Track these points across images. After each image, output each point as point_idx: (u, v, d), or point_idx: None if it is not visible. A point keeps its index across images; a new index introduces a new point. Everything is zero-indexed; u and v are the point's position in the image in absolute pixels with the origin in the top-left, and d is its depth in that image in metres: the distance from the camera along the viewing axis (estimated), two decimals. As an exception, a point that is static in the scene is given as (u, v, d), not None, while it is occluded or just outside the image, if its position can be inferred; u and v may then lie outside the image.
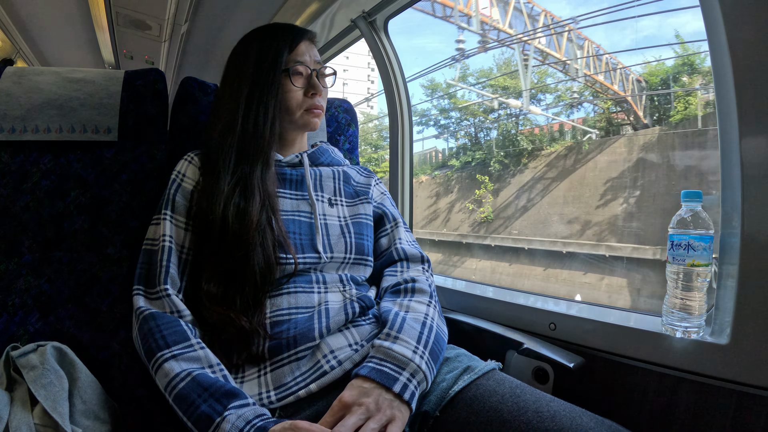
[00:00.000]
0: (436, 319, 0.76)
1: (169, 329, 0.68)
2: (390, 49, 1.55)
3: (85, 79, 0.95)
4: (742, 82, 0.67)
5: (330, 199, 0.87)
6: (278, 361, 0.71)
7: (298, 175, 0.86)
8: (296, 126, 0.86)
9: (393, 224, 0.92)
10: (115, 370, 0.81)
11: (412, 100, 1.60)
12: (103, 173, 0.91)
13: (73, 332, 0.82)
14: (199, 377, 0.63)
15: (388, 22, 1.54)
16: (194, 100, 0.99)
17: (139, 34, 2.28)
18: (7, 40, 2.45)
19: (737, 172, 0.68)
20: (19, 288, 0.82)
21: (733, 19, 0.67)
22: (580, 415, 0.61)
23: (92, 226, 0.88)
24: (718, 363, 0.70)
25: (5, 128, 0.88)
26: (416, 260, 0.88)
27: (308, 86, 0.85)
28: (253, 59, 0.83)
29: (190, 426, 0.59)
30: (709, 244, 0.73)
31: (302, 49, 0.85)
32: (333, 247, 0.81)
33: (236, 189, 0.77)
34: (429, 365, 0.67)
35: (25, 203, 0.86)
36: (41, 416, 0.63)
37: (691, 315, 0.74)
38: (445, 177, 12.10)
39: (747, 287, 0.67)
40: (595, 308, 0.94)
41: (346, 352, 0.72)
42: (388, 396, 0.61)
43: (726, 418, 0.69)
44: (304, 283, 0.77)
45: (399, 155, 1.55)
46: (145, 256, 0.76)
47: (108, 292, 0.85)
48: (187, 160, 0.83)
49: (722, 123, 0.71)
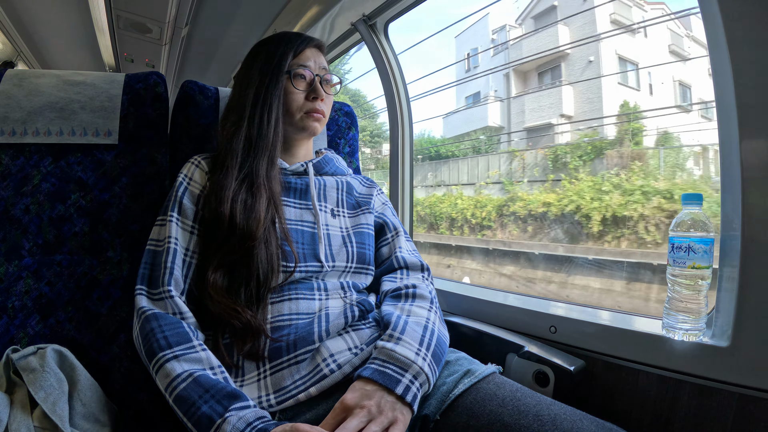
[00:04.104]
0: (437, 323, 0.76)
1: (171, 330, 0.68)
2: (390, 53, 1.56)
3: (85, 82, 0.95)
4: (741, 83, 0.67)
5: (333, 210, 0.88)
6: (278, 364, 0.71)
7: (303, 184, 0.87)
8: (297, 129, 0.87)
9: (394, 233, 0.94)
10: (115, 373, 0.81)
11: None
12: (103, 176, 0.91)
13: (73, 335, 0.81)
14: (201, 378, 0.63)
15: (388, 25, 1.55)
16: (195, 103, 0.99)
17: (140, 37, 2.29)
18: (8, 43, 2.46)
19: (737, 174, 0.68)
20: (19, 291, 0.82)
21: (733, 19, 0.67)
22: (581, 418, 0.61)
23: (92, 229, 0.88)
24: (719, 365, 0.70)
25: (6, 131, 0.89)
26: (416, 269, 0.89)
27: (310, 90, 0.85)
28: (260, 64, 0.85)
29: (191, 427, 0.59)
30: (710, 247, 0.73)
31: (307, 54, 0.86)
32: (335, 257, 0.82)
33: (243, 185, 0.78)
34: (431, 367, 0.67)
35: (25, 206, 0.86)
36: (41, 419, 0.63)
37: (692, 317, 0.74)
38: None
39: (747, 290, 0.67)
40: (596, 311, 0.94)
41: (346, 356, 0.72)
42: (390, 398, 0.61)
43: (727, 421, 0.69)
44: (305, 290, 0.78)
45: (399, 160, 1.56)
46: (148, 257, 0.77)
47: (108, 295, 0.85)
48: (194, 163, 0.84)
49: (722, 125, 0.71)
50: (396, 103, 1.55)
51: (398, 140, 1.56)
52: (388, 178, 1.60)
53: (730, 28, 0.67)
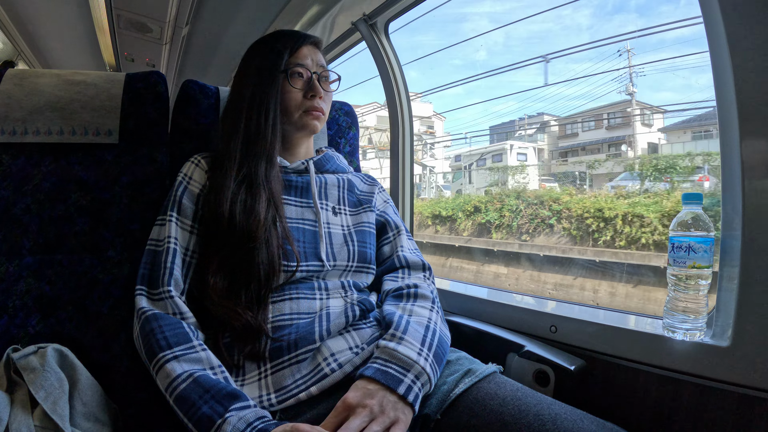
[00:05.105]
0: (439, 324, 0.76)
1: (171, 330, 0.68)
2: (391, 52, 1.55)
3: (86, 81, 0.95)
4: (742, 83, 0.67)
5: (334, 208, 0.88)
6: (279, 364, 0.71)
7: (304, 182, 0.87)
8: (296, 128, 0.86)
9: (395, 232, 0.93)
10: (116, 373, 0.81)
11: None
12: (104, 176, 0.91)
13: (74, 334, 0.81)
14: (201, 378, 0.63)
15: (388, 24, 1.55)
16: (195, 102, 0.99)
17: (140, 37, 2.29)
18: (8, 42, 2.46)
19: (738, 173, 0.68)
20: (19, 290, 0.82)
21: (733, 19, 0.67)
22: (581, 417, 0.61)
23: (93, 229, 0.88)
24: (719, 365, 0.70)
25: (6, 130, 0.89)
26: (418, 268, 0.89)
27: (308, 88, 0.85)
28: (256, 63, 0.85)
29: (191, 427, 0.59)
30: (710, 246, 0.73)
31: (304, 52, 0.86)
32: (336, 255, 0.82)
33: (242, 186, 0.78)
34: (433, 368, 0.67)
35: (25, 205, 0.86)
36: (41, 418, 0.63)
37: (692, 317, 0.74)
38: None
39: (748, 289, 0.67)
40: (596, 311, 0.94)
41: (347, 355, 0.72)
42: (392, 398, 0.61)
43: (727, 421, 0.69)
44: (306, 290, 0.78)
45: (400, 159, 1.56)
46: (148, 257, 0.76)
47: (109, 294, 0.85)
48: (194, 162, 0.84)
49: (722, 124, 0.71)
50: (396, 102, 1.55)
51: (399, 139, 1.56)
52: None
53: (731, 28, 0.67)
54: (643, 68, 7.81)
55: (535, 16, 9.81)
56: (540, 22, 11.07)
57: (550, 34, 10.99)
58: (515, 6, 12.39)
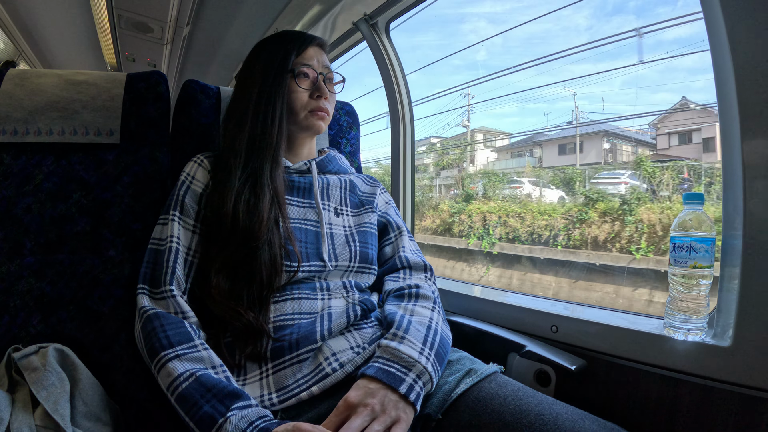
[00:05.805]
0: (440, 324, 0.76)
1: (173, 329, 0.68)
2: (392, 52, 1.55)
3: (87, 81, 0.95)
4: (743, 83, 0.67)
5: (336, 209, 0.88)
6: (280, 363, 0.71)
7: (306, 183, 0.87)
8: (301, 128, 0.87)
9: (397, 233, 0.93)
10: (117, 373, 0.81)
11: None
12: (105, 175, 0.91)
13: (75, 334, 0.81)
14: (203, 378, 0.63)
15: (389, 24, 1.55)
16: (196, 102, 0.99)
17: (141, 37, 2.29)
18: (9, 43, 2.46)
19: (739, 173, 0.68)
20: (20, 290, 0.82)
21: (734, 19, 0.67)
22: (582, 417, 0.61)
23: (94, 229, 0.88)
24: (721, 365, 0.70)
25: (7, 130, 0.89)
26: (419, 269, 0.89)
27: (314, 89, 0.85)
28: (262, 63, 0.85)
29: (192, 426, 0.59)
30: (711, 246, 0.73)
31: (310, 53, 0.86)
32: (338, 256, 0.82)
33: (246, 185, 0.78)
34: (434, 367, 0.67)
35: (27, 205, 0.86)
36: (42, 418, 0.63)
37: (693, 317, 0.74)
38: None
39: (749, 289, 0.67)
40: (597, 311, 0.94)
41: (348, 355, 0.72)
42: (393, 397, 0.61)
43: (728, 421, 0.69)
44: (308, 290, 0.78)
45: (401, 160, 1.55)
46: (150, 256, 0.77)
47: (110, 294, 0.85)
48: (197, 162, 0.84)
49: (724, 124, 0.71)
50: (398, 103, 1.55)
51: (400, 140, 1.56)
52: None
53: (732, 28, 0.67)
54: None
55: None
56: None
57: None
58: (515, 6, 12.22)
